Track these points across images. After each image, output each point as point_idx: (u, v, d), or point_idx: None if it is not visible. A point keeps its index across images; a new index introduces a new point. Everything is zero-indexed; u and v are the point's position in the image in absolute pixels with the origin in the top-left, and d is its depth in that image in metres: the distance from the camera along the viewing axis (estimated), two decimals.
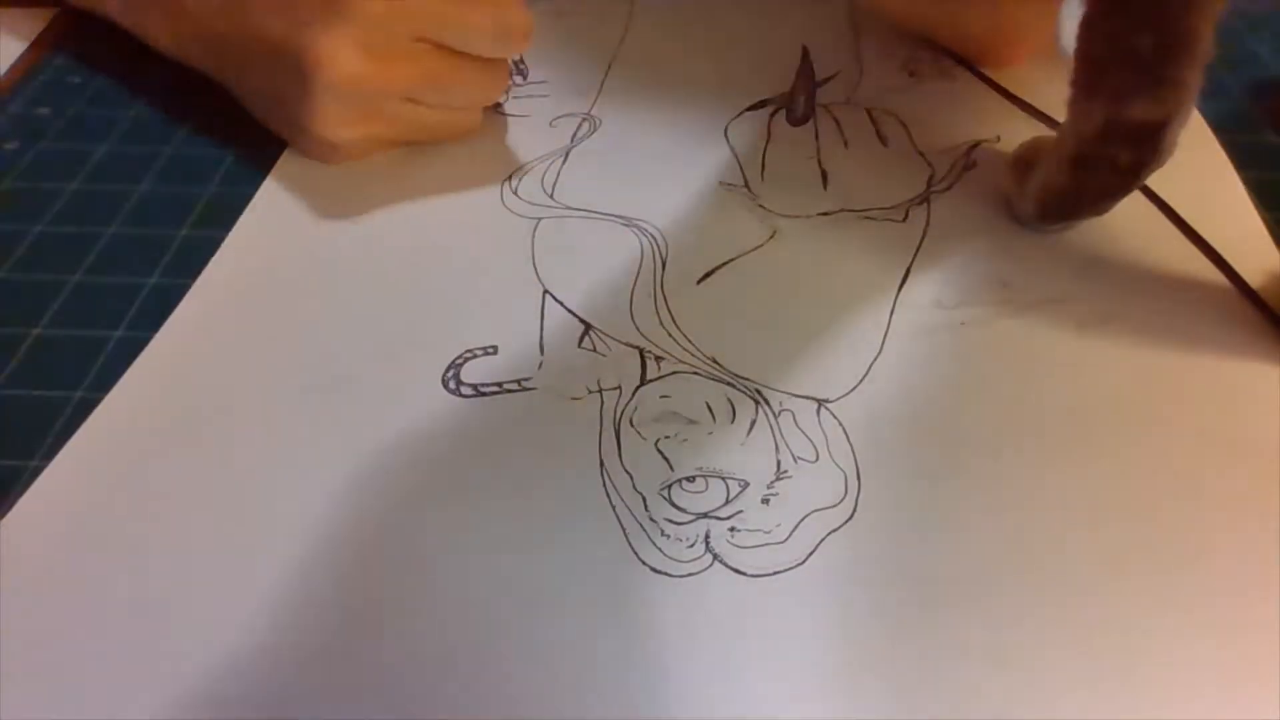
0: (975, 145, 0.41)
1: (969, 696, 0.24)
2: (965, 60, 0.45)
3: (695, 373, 0.32)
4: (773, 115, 0.43)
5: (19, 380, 0.32)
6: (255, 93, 0.40)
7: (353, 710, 0.24)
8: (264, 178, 0.40)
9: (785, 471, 0.29)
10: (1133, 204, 0.37)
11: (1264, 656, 0.25)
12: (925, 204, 0.38)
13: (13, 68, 0.46)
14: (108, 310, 0.35)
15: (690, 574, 0.27)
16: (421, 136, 0.40)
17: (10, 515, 0.28)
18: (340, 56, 0.34)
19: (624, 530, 0.28)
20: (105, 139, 0.42)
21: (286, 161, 0.40)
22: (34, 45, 0.48)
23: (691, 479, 0.29)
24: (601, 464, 0.29)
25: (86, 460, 0.30)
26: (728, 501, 0.28)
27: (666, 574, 0.27)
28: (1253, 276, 0.34)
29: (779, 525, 0.28)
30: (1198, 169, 0.39)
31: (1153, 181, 0.37)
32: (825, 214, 0.38)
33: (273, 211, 0.38)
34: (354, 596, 0.26)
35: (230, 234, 0.37)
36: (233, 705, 0.24)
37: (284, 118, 0.39)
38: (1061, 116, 0.33)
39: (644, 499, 0.28)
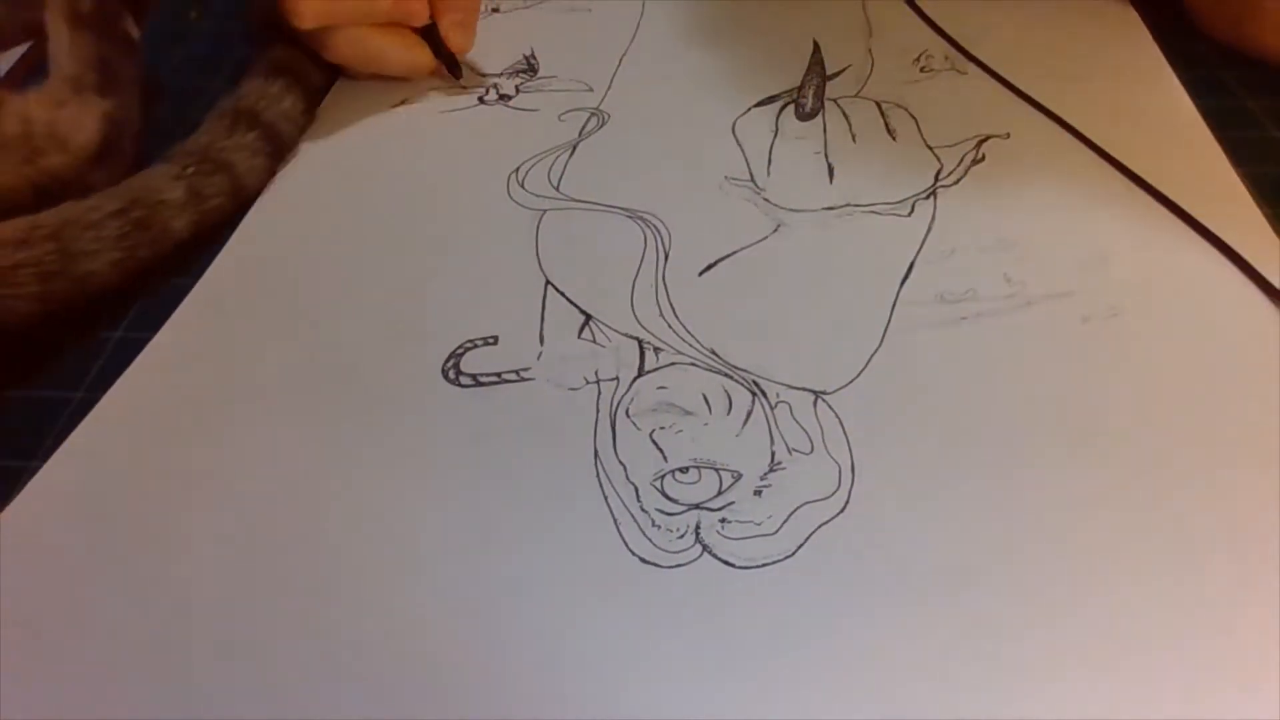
0: (984, 140, 0.40)
1: (957, 693, 0.24)
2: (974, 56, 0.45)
3: (693, 364, 0.32)
4: (781, 110, 0.43)
5: (19, 380, 0.33)
6: None
7: (343, 703, 0.24)
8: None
9: (779, 463, 0.29)
10: (1134, 200, 0.37)
11: (1267, 655, 0.24)
12: (931, 198, 0.38)
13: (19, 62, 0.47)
14: (107, 311, 0.35)
15: (679, 565, 0.27)
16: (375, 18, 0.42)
17: (10, 508, 0.29)
18: None
19: (615, 520, 0.28)
20: None
21: (294, 157, 0.41)
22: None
23: (685, 470, 0.29)
24: (596, 454, 0.29)
25: (86, 454, 0.30)
26: (720, 493, 0.28)
27: (655, 564, 0.27)
28: (1261, 269, 0.33)
29: (770, 517, 0.28)
30: (1195, 165, 0.38)
31: (1152, 176, 0.37)
32: (830, 208, 0.37)
33: (277, 204, 0.39)
34: (348, 585, 0.27)
35: (236, 229, 0.38)
36: (225, 700, 0.24)
37: None
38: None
39: (636, 489, 0.28)
